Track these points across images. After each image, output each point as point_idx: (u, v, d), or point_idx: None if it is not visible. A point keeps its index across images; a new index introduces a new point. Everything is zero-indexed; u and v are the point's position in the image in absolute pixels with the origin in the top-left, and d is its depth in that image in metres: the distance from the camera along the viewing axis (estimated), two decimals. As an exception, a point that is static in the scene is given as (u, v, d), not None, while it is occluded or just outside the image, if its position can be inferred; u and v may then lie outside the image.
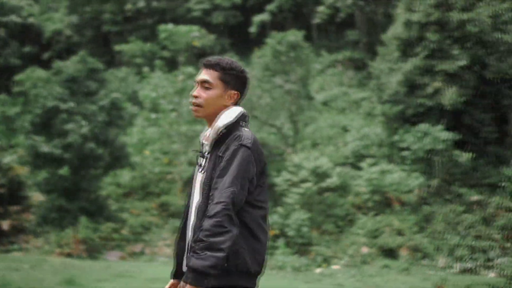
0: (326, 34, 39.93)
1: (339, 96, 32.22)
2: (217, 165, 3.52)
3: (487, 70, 26.19)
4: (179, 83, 27.36)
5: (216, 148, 3.59)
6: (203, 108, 3.62)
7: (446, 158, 24.85)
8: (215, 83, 3.62)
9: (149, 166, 27.51)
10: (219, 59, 3.67)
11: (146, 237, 24.30)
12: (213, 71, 3.63)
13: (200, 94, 3.62)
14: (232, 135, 3.56)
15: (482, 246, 22.04)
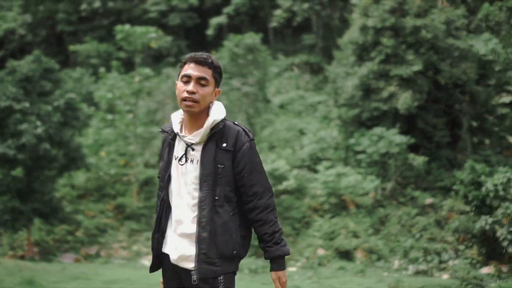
0: (282, 37, 40.16)
1: (296, 100, 32.43)
2: (224, 158, 3.67)
3: (440, 75, 26.71)
4: (135, 84, 27.18)
5: (212, 140, 3.69)
6: (199, 103, 3.68)
7: (400, 162, 25.24)
8: (210, 81, 3.70)
9: (105, 167, 27.26)
10: (208, 56, 3.73)
11: (101, 239, 24.08)
12: (207, 68, 3.69)
13: (197, 90, 3.66)
14: (232, 130, 3.74)
15: (435, 248, 22.44)
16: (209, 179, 3.65)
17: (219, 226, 3.67)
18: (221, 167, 3.67)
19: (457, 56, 26.81)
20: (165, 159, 3.85)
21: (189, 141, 3.73)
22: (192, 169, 3.72)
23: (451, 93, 27.11)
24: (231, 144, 3.68)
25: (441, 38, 26.73)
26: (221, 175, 3.68)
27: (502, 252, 21.37)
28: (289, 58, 36.65)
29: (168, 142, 3.86)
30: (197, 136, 3.71)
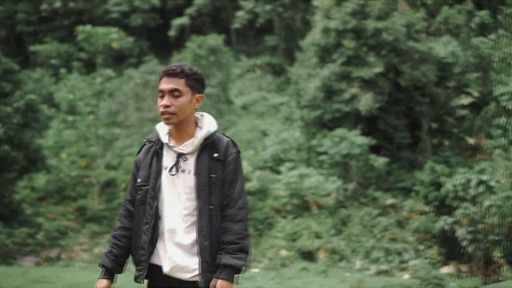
0: (245, 38, 40.22)
1: (258, 101, 32.50)
2: (215, 168, 3.78)
3: (401, 77, 27.06)
4: (97, 85, 26.95)
5: (204, 151, 3.79)
6: (177, 115, 3.74)
7: (362, 163, 25.49)
8: (184, 90, 3.74)
9: (66, 169, 26.98)
10: (179, 66, 3.77)
11: (62, 242, 23.81)
12: (178, 78, 3.73)
13: (171, 102, 3.71)
14: (222, 141, 3.88)
15: (396, 248, 22.72)
16: (205, 188, 3.74)
17: (215, 234, 3.75)
18: (214, 176, 3.77)
19: (417, 59, 27.18)
20: (153, 168, 3.84)
21: (180, 151, 3.80)
22: (184, 179, 3.78)
23: (412, 95, 27.47)
24: (222, 154, 3.81)
25: (402, 40, 27.08)
26: (214, 185, 3.77)
27: (462, 252, 21.72)
28: (252, 60, 36.72)
29: (155, 152, 3.88)
30: (189, 146, 3.80)
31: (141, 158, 3.96)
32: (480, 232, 20.92)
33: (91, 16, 39.53)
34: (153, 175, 3.84)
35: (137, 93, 26.45)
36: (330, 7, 28.35)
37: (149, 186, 3.83)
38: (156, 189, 3.80)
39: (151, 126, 26.87)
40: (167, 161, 3.84)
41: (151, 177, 3.84)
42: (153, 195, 3.80)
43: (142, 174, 3.90)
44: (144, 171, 3.89)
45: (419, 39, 27.98)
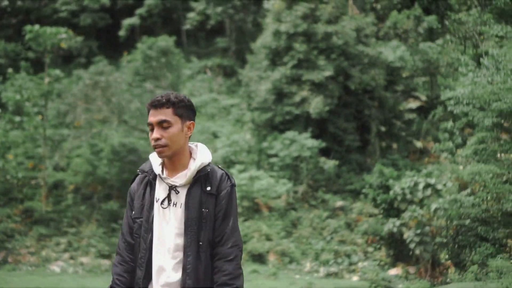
0: (195, 40, 40.10)
1: (209, 102, 32.45)
2: (207, 202, 3.58)
3: (351, 81, 27.37)
4: (45, 85, 26.52)
5: (197, 184, 3.60)
6: (169, 147, 3.56)
7: (312, 165, 25.68)
8: (173, 120, 3.57)
9: (12, 170, 26.43)
10: (165, 95, 3.60)
11: (8, 245, 23.33)
12: (165, 109, 3.56)
13: (161, 135, 3.55)
14: (216, 173, 3.66)
15: (345, 250, 22.96)
16: (194, 223, 3.56)
17: (202, 272, 3.57)
18: (206, 211, 3.58)
19: (366, 63, 27.52)
20: (146, 200, 3.68)
21: (172, 183, 3.61)
22: (175, 213, 3.61)
23: (361, 98, 27.80)
24: (215, 188, 3.60)
25: (352, 44, 27.39)
26: (205, 220, 3.58)
27: (409, 254, 22.08)
28: (202, 61, 36.65)
29: (148, 182, 3.71)
30: (182, 179, 3.61)
31: (134, 188, 3.78)
32: (427, 234, 21.32)
33: (39, 15, 38.88)
34: (146, 207, 3.66)
35: (87, 94, 26.10)
36: (281, 10, 28.49)
37: (143, 218, 3.66)
38: (149, 221, 3.63)
39: (100, 127, 26.61)
40: (160, 193, 3.65)
41: (144, 209, 3.67)
42: (146, 228, 3.63)
43: (136, 206, 3.72)
44: (137, 202, 3.72)
45: (369, 43, 28.34)
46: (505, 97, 21.53)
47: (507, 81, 22.20)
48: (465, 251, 21.12)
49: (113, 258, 21.52)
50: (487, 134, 22.98)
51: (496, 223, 21.92)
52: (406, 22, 32.55)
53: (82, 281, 19.06)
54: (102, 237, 23.82)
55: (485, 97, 22.20)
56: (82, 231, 24.28)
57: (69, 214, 24.98)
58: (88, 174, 25.79)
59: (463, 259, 21.02)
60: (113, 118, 26.32)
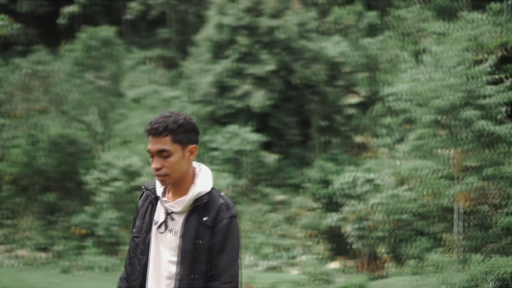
0: (136, 30, 39.57)
1: (150, 94, 32.07)
2: (203, 233, 3.35)
3: (293, 75, 27.54)
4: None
5: (195, 212, 3.41)
6: (170, 176, 3.36)
7: (253, 159, 25.74)
8: (172, 149, 3.34)
9: None
10: (162, 122, 3.34)
11: None
12: (163, 137, 3.32)
13: (162, 164, 3.33)
14: (216, 203, 3.44)
15: (285, 244, 23.12)
16: (188, 255, 3.37)
17: None
18: (201, 242, 3.37)
19: (309, 58, 27.71)
20: (146, 220, 3.51)
21: (170, 208, 3.43)
22: (171, 239, 3.43)
23: (303, 93, 28.01)
24: (212, 219, 3.38)
25: (294, 39, 27.53)
26: (200, 252, 3.38)
27: (348, 248, 22.40)
28: (144, 52, 36.20)
29: (150, 201, 3.54)
30: (179, 205, 3.41)
31: (140, 205, 3.62)
32: (366, 228, 21.64)
33: (-26, 1, 37.75)
34: (145, 227, 3.50)
35: (25, 83, 25.51)
36: (224, 3, 28.42)
37: (140, 239, 3.51)
38: (146, 243, 3.48)
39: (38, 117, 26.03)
40: (159, 215, 3.48)
41: (143, 230, 3.51)
42: (142, 250, 3.49)
43: (137, 224, 3.56)
44: (139, 221, 3.55)
45: (311, 38, 28.53)
46: (444, 94, 22.02)
47: (446, 78, 22.72)
48: (403, 245, 21.55)
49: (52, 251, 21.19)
50: (425, 131, 23.46)
51: (433, 218, 22.45)
52: (348, 17, 32.90)
53: (19, 275, 18.66)
54: (39, 229, 23.34)
55: (424, 94, 22.68)
56: (19, 224, 23.76)
57: (5, 205, 24.40)
58: (26, 165, 25.19)
59: (401, 253, 21.45)
60: (52, 109, 25.80)
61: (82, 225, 21.91)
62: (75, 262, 20.55)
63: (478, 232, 22.38)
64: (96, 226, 21.85)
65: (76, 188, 24.20)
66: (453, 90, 22.08)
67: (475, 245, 21.96)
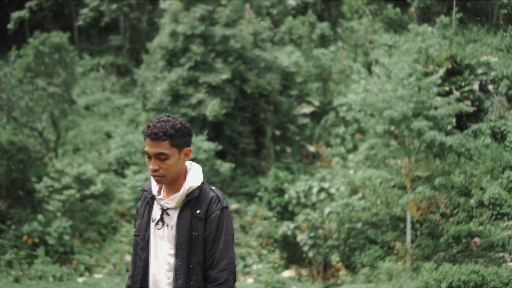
0: (88, 36, 39.16)
1: (102, 101, 31.77)
2: (197, 225, 3.61)
3: (247, 84, 27.63)
4: None
5: (187, 207, 3.64)
6: (166, 176, 3.61)
7: (207, 167, 25.69)
8: (170, 152, 3.59)
9: None
10: (162, 127, 3.59)
11: None
12: (162, 141, 3.57)
13: (159, 166, 3.59)
14: (207, 196, 3.67)
15: (240, 253, 23.13)
16: (184, 247, 3.61)
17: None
18: (195, 234, 3.62)
19: (263, 67, 27.85)
20: (144, 218, 3.79)
21: (165, 205, 3.68)
22: (168, 234, 3.67)
23: (257, 102, 28.11)
24: (204, 212, 3.63)
25: (249, 48, 27.63)
26: (195, 243, 3.62)
27: (302, 256, 22.57)
28: (95, 58, 35.83)
29: (147, 201, 3.81)
30: (173, 201, 3.66)
31: (139, 206, 3.93)
32: (320, 237, 21.86)
33: None
34: (144, 225, 3.78)
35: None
36: (178, 11, 28.35)
37: (140, 236, 3.78)
38: (145, 240, 3.74)
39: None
40: (156, 213, 3.75)
41: (142, 228, 3.79)
42: (142, 247, 3.76)
43: (137, 224, 3.86)
44: (138, 220, 3.86)
45: (265, 48, 28.69)
46: (396, 105, 22.43)
47: (398, 90, 23.14)
48: (356, 254, 21.82)
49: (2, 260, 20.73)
50: (377, 141, 23.85)
51: (385, 227, 22.79)
52: (301, 28, 33.21)
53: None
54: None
55: (377, 105, 23.04)
56: (-33, 232, 23.20)
57: (-48, 214, 23.81)
58: (-26, 173, 24.67)
59: (354, 261, 21.72)
60: (1, 115, 25.30)
61: (33, 233, 21.51)
62: (27, 271, 20.18)
63: (429, 241, 22.83)
64: (48, 234, 21.50)
65: (26, 196, 23.75)
66: (405, 101, 22.52)
67: (426, 254, 22.38)
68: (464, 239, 22.64)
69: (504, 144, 26.63)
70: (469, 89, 28.29)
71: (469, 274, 14.00)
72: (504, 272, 13.97)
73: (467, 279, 13.89)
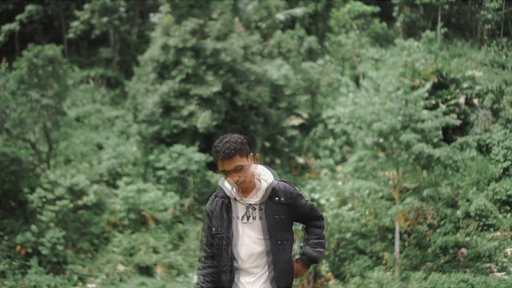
0: (77, 49, 39.42)
1: (93, 113, 32.02)
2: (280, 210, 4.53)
3: (238, 97, 28.02)
4: None
5: (267, 198, 4.50)
6: (246, 181, 4.44)
7: (199, 178, 26.03)
8: (244, 163, 4.41)
9: None
10: (229, 147, 4.38)
11: None
12: (234, 157, 4.37)
13: (239, 176, 4.40)
14: (281, 186, 4.58)
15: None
16: (272, 230, 4.50)
17: (283, 266, 4.57)
18: (279, 217, 4.50)
19: (253, 80, 28.26)
20: (224, 218, 4.58)
21: (248, 202, 4.50)
22: (254, 224, 4.52)
23: (247, 114, 28.50)
24: (284, 197, 4.52)
25: (239, 61, 28.04)
26: (279, 224, 4.51)
27: (293, 266, 22.89)
28: (85, 71, 36.07)
29: (224, 205, 4.59)
30: (255, 198, 4.50)
31: (211, 209, 4.67)
32: (311, 247, 22.16)
33: None
34: (226, 224, 4.56)
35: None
36: (170, 25, 28.73)
37: (223, 234, 4.58)
38: (230, 236, 4.54)
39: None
40: (238, 211, 4.56)
41: (224, 226, 4.57)
42: (227, 242, 4.56)
43: (215, 224, 4.64)
44: (216, 221, 4.63)
45: (255, 61, 29.10)
46: (384, 118, 22.90)
47: (386, 103, 23.61)
48: (345, 264, 22.19)
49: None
50: (366, 152, 24.29)
51: (374, 237, 23.20)
52: (290, 41, 33.70)
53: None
54: (-19, 249, 22.99)
55: (365, 117, 23.50)
56: (-41, 243, 23.31)
57: None
58: (-34, 184, 24.82)
59: (343, 271, 22.07)
60: (-7, 127, 25.49)
61: (27, 244, 21.70)
62: (21, 281, 20.35)
63: (417, 251, 23.26)
64: (41, 245, 21.69)
65: (19, 207, 23.93)
66: (393, 114, 22.99)
67: (414, 264, 22.80)
68: (451, 249, 23.08)
69: (489, 156, 27.18)
70: (455, 103, 28.85)
71: (458, 283, 14.38)
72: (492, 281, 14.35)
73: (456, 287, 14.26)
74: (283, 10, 37.45)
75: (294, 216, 4.61)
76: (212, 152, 4.47)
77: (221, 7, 29.71)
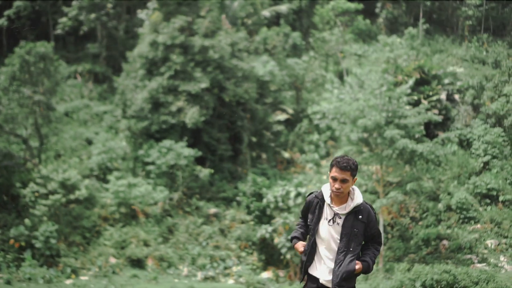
0: (64, 44, 39.69)
1: (81, 108, 32.42)
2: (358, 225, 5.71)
3: (225, 93, 28.58)
4: None
5: (352, 213, 5.66)
6: (343, 192, 5.56)
7: (187, 173, 26.60)
8: (349, 179, 5.57)
9: None
10: (348, 163, 5.54)
11: None
12: (347, 171, 5.52)
13: (341, 186, 5.54)
14: (366, 209, 5.73)
15: (220, 255, 24.07)
16: (347, 237, 5.68)
17: (346, 267, 5.65)
18: (355, 231, 5.67)
19: (240, 76, 28.83)
20: (315, 214, 5.76)
21: (337, 211, 5.63)
22: (337, 228, 5.68)
23: (234, 110, 29.08)
24: (365, 218, 5.71)
25: (227, 58, 28.59)
26: (353, 235, 5.67)
27: (280, 258, 23.57)
28: (72, 66, 36.38)
29: (318, 204, 5.75)
30: (343, 210, 5.64)
31: (310, 202, 5.85)
32: (298, 240, 22.83)
33: None
34: (315, 220, 5.77)
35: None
36: (158, 22, 29.18)
37: (312, 227, 5.81)
38: (315, 230, 5.76)
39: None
40: (327, 214, 5.72)
41: (314, 221, 5.78)
42: (313, 233, 5.78)
43: (310, 217, 5.85)
44: (311, 214, 5.83)
45: (242, 57, 29.66)
46: (369, 114, 23.60)
47: (370, 99, 24.32)
48: (331, 256, 22.84)
49: None
50: (351, 148, 24.98)
51: (358, 230, 23.87)
52: (275, 38, 34.28)
53: None
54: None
55: (350, 114, 24.19)
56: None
57: None
58: (-42, 179, 25.20)
59: (329, 263, 22.73)
60: (-15, 122, 25.86)
61: (20, 237, 22.18)
62: (15, 274, 20.85)
63: (400, 243, 24.03)
64: (35, 238, 22.17)
65: (11, 202, 24.38)
66: (377, 110, 23.70)
67: (397, 255, 23.57)
68: (433, 241, 23.88)
69: (470, 151, 28.02)
70: (437, 99, 29.64)
71: (441, 273, 15.07)
72: (473, 272, 15.06)
73: (440, 278, 14.95)
74: (268, 6, 38.01)
75: (365, 233, 5.78)
76: (332, 161, 5.54)
77: (209, 5, 30.25)
